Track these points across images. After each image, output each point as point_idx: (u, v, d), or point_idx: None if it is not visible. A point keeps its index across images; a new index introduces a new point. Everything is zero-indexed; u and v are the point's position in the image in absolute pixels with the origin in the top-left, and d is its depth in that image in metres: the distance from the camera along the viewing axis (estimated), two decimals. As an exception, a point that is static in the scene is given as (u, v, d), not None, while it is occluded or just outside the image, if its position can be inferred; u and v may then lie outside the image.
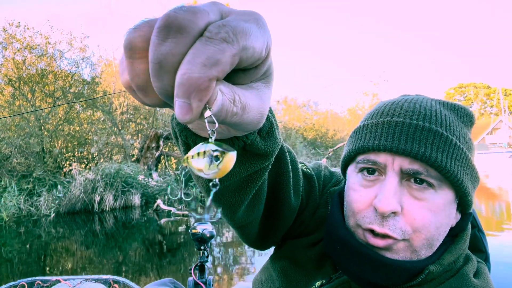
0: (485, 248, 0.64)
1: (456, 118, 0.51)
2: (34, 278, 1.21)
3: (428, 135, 0.48)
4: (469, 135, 0.52)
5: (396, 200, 0.50)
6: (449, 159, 0.48)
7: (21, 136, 9.88)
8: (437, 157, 0.47)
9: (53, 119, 11.24)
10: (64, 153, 11.52)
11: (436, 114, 0.50)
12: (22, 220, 7.90)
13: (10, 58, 11.07)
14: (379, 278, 0.51)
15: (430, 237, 0.50)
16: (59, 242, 6.21)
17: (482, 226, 0.65)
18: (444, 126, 0.49)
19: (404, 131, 0.49)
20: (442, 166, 0.47)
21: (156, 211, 8.88)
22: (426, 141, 0.48)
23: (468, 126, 0.52)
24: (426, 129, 0.49)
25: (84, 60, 12.22)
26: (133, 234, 6.56)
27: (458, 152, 0.48)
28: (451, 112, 0.52)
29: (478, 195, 11.24)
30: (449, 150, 0.48)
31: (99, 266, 4.73)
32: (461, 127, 0.51)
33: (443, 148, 0.48)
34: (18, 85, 10.91)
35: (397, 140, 0.49)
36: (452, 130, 0.49)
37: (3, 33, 10.87)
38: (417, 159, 0.48)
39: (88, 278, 1.26)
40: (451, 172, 0.48)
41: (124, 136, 12.92)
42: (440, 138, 0.48)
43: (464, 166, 0.49)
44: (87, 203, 8.84)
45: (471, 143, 0.51)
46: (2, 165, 9.61)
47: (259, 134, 0.40)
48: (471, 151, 0.51)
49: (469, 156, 0.50)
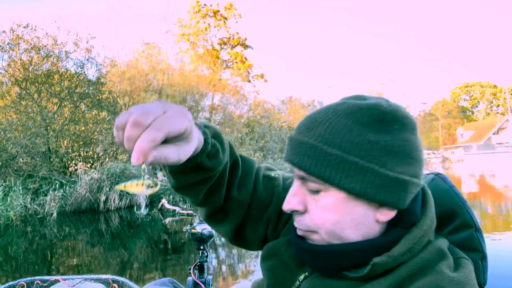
0: (482, 247, 0.65)
1: (358, 125, 0.56)
2: (34, 278, 1.22)
3: (301, 147, 0.58)
4: (368, 136, 0.56)
5: (296, 201, 0.61)
6: (319, 165, 0.56)
7: (27, 136, 9.97)
8: (306, 164, 0.57)
9: (59, 119, 11.32)
10: (70, 153, 11.60)
11: (318, 126, 0.58)
12: (28, 219, 7.98)
13: (17, 59, 11.17)
14: (322, 264, 0.61)
15: (331, 231, 0.59)
16: (65, 241, 6.26)
17: (489, 226, 0.66)
18: (319, 136, 0.57)
19: (291, 145, 0.61)
20: (311, 170, 0.57)
21: (161, 210, 8.92)
22: (299, 152, 0.58)
23: (371, 126, 0.56)
24: (301, 142, 0.59)
25: (89, 60, 12.29)
26: (138, 233, 6.60)
27: (331, 158, 0.56)
28: (349, 117, 0.57)
29: (484, 195, 11.17)
30: (319, 159, 0.56)
31: (105, 265, 4.76)
32: (353, 132, 0.56)
33: (312, 156, 0.57)
34: (24, 86, 11.00)
35: (288, 153, 0.61)
36: (330, 139, 0.56)
37: (10, 34, 10.98)
38: (298, 167, 0.59)
39: (88, 278, 1.28)
40: (321, 175, 0.56)
41: (129, 136, 12.98)
42: (310, 149, 0.57)
43: (342, 169, 0.55)
44: (92, 203, 8.91)
45: (368, 144, 0.55)
46: (8, 165, 9.70)
47: (207, 156, 0.61)
48: (363, 151, 0.55)
49: (354, 160, 0.55)
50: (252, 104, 19.05)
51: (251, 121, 17.49)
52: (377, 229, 0.60)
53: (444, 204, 0.69)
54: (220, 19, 23.21)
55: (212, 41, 23.31)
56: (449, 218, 0.69)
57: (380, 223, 0.60)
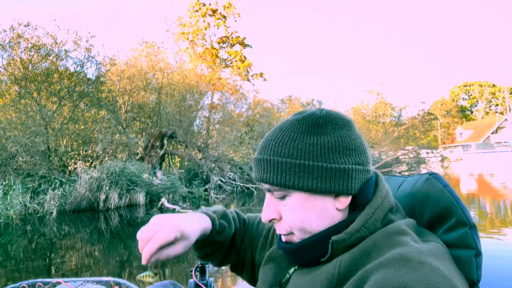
0: (476, 244, 0.66)
1: (299, 134, 0.67)
2: (35, 280, 1.23)
3: (260, 164, 0.69)
4: (308, 140, 0.66)
5: (269, 211, 0.70)
6: (275, 174, 0.66)
7: (27, 135, 9.96)
8: (267, 176, 0.68)
9: (58, 118, 11.31)
10: (69, 152, 11.60)
11: (269, 143, 0.69)
12: (28, 218, 7.98)
13: (16, 57, 11.16)
14: (300, 257, 0.70)
15: (301, 228, 0.68)
16: (64, 240, 6.27)
17: (487, 225, 0.68)
18: (271, 151, 0.68)
19: (254, 164, 0.72)
20: (271, 181, 0.67)
21: (161, 209, 8.93)
22: (260, 168, 0.69)
23: (309, 132, 0.67)
24: (260, 160, 0.69)
25: (89, 59, 12.28)
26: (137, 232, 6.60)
27: (283, 166, 0.66)
28: (291, 130, 0.69)
29: (483, 194, 11.20)
30: (274, 169, 0.67)
31: (104, 264, 4.77)
32: (296, 140, 0.67)
33: (268, 169, 0.67)
34: (24, 84, 10.99)
35: (254, 172, 0.72)
36: (279, 151, 0.67)
37: (10, 32, 10.95)
38: (264, 182, 0.68)
39: (89, 280, 1.29)
40: (279, 182, 0.66)
41: (128, 134, 12.98)
42: (267, 162, 0.68)
43: (293, 173, 0.65)
44: (92, 201, 8.91)
45: (309, 147, 0.66)
46: (8, 164, 9.70)
47: (217, 233, 0.86)
48: (306, 154, 0.65)
49: (301, 162, 0.65)
50: (251, 103, 19.08)
51: (251, 120, 17.52)
52: (339, 217, 0.68)
53: (439, 203, 0.71)
54: (219, 18, 23.18)
55: (211, 40, 23.30)
56: (444, 217, 0.70)
57: (341, 210, 0.68)
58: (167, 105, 14.06)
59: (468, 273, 0.64)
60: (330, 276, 0.61)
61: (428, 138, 24.44)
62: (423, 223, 0.73)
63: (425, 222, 0.73)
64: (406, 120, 19.48)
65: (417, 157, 17.48)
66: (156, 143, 12.72)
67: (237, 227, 0.96)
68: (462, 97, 61.30)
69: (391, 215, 0.68)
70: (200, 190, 11.95)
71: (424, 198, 0.73)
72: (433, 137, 47.40)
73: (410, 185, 0.79)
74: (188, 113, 14.29)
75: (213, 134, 15.97)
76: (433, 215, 0.72)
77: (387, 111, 19.71)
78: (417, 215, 0.74)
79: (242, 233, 0.97)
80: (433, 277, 0.50)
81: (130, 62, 14.13)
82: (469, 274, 0.64)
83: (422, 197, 0.74)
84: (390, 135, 17.87)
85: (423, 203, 0.74)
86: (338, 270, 0.61)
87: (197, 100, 15.22)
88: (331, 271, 0.61)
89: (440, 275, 0.50)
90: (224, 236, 0.88)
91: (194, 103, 15.08)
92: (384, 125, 19.20)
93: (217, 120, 16.44)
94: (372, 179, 0.70)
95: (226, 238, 0.89)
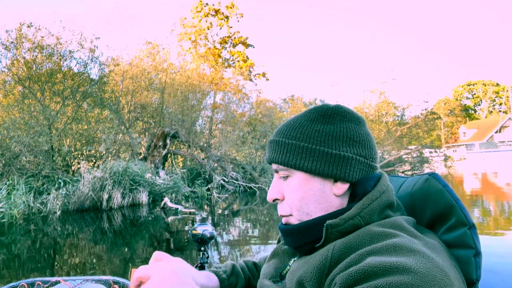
0: (475, 244, 0.66)
1: (308, 121, 0.73)
2: (35, 279, 1.23)
3: (271, 145, 0.75)
4: (315, 127, 0.72)
5: (274, 191, 0.75)
6: (281, 154, 0.72)
7: (31, 135, 10.01)
8: (274, 156, 0.74)
9: (61, 118, 11.36)
10: (73, 152, 11.64)
11: (283, 128, 0.75)
12: (31, 217, 8.02)
13: (20, 57, 11.21)
14: (295, 240, 0.72)
15: (299, 207, 0.72)
16: (68, 239, 6.29)
17: (491, 224, 0.68)
18: (281, 134, 0.74)
19: (267, 146, 0.78)
20: (275, 159, 0.73)
21: (164, 209, 8.95)
22: (271, 149, 0.75)
23: (317, 120, 0.73)
24: (271, 141, 0.76)
25: (92, 60, 12.32)
26: (140, 231, 6.63)
27: (289, 147, 0.72)
28: (303, 117, 0.75)
29: (487, 194, 11.15)
30: (281, 149, 0.73)
31: (107, 263, 4.79)
32: (304, 126, 0.73)
33: (277, 149, 0.73)
34: (28, 84, 11.04)
35: (266, 153, 0.78)
36: (288, 134, 0.73)
37: (14, 33, 11.00)
38: (272, 162, 0.75)
39: (88, 279, 1.29)
40: (282, 161, 0.72)
41: (131, 134, 13.01)
42: (276, 144, 0.74)
43: (297, 153, 0.71)
44: (95, 201, 8.94)
45: (315, 133, 0.71)
46: (12, 163, 9.75)
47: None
48: (311, 138, 0.71)
49: (305, 145, 0.71)
50: (254, 102, 19.06)
51: (253, 120, 17.51)
52: (337, 203, 0.71)
53: (438, 204, 0.71)
54: (222, 18, 23.18)
55: (214, 39, 23.30)
56: (443, 217, 0.71)
57: (338, 197, 0.71)
58: (169, 105, 14.08)
59: (467, 272, 0.64)
60: (324, 259, 0.62)
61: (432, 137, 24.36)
62: (423, 223, 0.73)
63: (425, 222, 0.73)
64: (409, 119, 19.39)
65: (420, 157, 17.42)
66: (159, 143, 12.75)
67: (249, 275, 0.98)
68: (466, 96, 61.05)
69: (390, 211, 0.70)
70: (203, 190, 11.97)
71: (424, 198, 0.74)
72: (436, 136, 47.22)
73: (410, 186, 0.80)
74: (191, 113, 14.31)
75: (216, 134, 15.99)
76: (433, 215, 0.72)
77: (390, 111, 19.64)
78: (417, 215, 0.75)
79: (257, 275, 0.99)
80: (425, 263, 0.51)
81: (133, 62, 14.16)
82: (469, 273, 0.64)
83: (422, 197, 0.75)
84: (393, 135, 17.81)
85: (423, 203, 0.74)
86: (331, 253, 0.62)
87: (199, 100, 15.23)
88: (325, 253, 0.63)
89: (432, 262, 0.51)
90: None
91: (197, 103, 15.09)
92: (387, 125, 19.13)
93: (220, 120, 16.45)
94: (376, 175, 0.73)
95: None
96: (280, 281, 0.75)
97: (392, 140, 17.42)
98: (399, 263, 0.50)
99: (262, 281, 0.79)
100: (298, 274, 0.65)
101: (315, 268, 0.62)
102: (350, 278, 0.52)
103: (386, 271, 0.50)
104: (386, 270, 0.50)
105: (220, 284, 0.86)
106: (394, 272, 0.49)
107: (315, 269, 0.62)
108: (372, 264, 0.51)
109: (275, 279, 0.76)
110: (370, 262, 0.52)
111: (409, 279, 0.47)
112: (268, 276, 0.78)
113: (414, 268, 0.49)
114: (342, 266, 0.56)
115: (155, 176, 10.71)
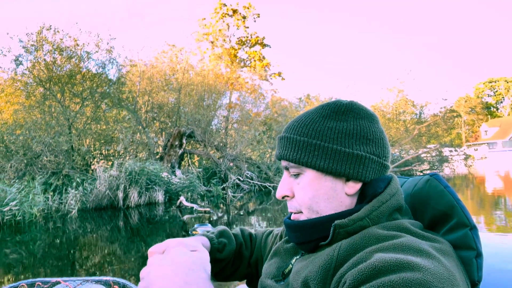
0: (477, 245, 0.66)
1: (320, 117, 0.71)
2: (34, 279, 1.25)
3: (281, 142, 0.74)
4: (327, 124, 0.70)
5: (285, 188, 0.74)
6: (293, 151, 0.70)
7: (51, 135, 10.27)
8: (285, 153, 0.72)
9: (81, 118, 11.61)
10: (92, 151, 11.88)
11: (294, 124, 0.73)
12: (51, 216, 8.22)
13: (41, 60, 11.50)
14: (300, 236, 0.72)
15: (309, 206, 0.70)
16: (86, 237, 6.43)
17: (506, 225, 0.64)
18: (292, 130, 0.72)
19: (277, 143, 0.76)
20: (286, 157, 0.71)
21: (179, 207, 9.04)
22: (281, 146, 0.74)
23: (330, 117, 0.71)
24: (282, 138, 0.74)
25: (110, 61, 12.54)
26: (156, 230, 6.71)
27: (300, 144, 0.70)
28: (314, 113, 0.73)
29: (509, 193, 10.80)
30: (292, 147, 0.71)
31: (123, 260, 4.87)
32: (317, 123, 0.71)
33: (288, 146, 0.72)
34: (48, 86, 11.33)
35: (276, 150, 0.76)
36: (300, 131, 0.71)
37: (35, 36, 11.30)
38: (282, 158, 0.73)
39: (88, 280, 1.30)
40: (293, 159, 0.70)
41: (148, 134, 13.19)
42: (287, 141, 0.72)
43: (309, 151, 0.69)
44: (113, 199, 9.11)
45: (328, 130, 0.69)
46: (33, 163, 10.03)
47: (218, 251, 0.89)
48: (324, 136, 0.69)
49: (317, 142, 0.69)
50: (269, 102, 19.03)
51: (268, 119, 17.48)
52: (347, 203, 0.70)
53: (439, 204, 0.71)
54: (239, 19, 23.25)
55: (230, 40, 23.39)
56: (444, 219, 0.70)
57: (349, 196, 0.70)
58: (185, 105, 14.21)
59: (468, 274, 0.64)
60: (329, 258, 0.62)
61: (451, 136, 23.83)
62: (424, 224, 0.72)
63: (426, 223, 0.73)
64: (428, 117, 19.00)
65: (440, 156, 17.05)
66: (175, 142, 12.88)
67: (241, 241, 0.99)
68: (487, 93, 59.46)
69: (398, 215, 0.69)
70: (218, 189, 12.02)
71: (425, 199, 0.74)
72: (457, 135, 46.16)
73: (411, 186, 0.80)
74: (207, 113, 14.39)
75: (231, 134, 16.03)
76: (434, 216, 0.72)
77: (408, 109, 19.29)
78: (418, 216, 0.74)
79: (250, 246, 1.01)
80: (432, 262, 0.51)
81: (151, 63, 14.35)
82: (470, 275, 0.64)
83: (423, 198, 0.74)
84: (411, 133, 17.48)
85: (423, 204, 0.74)
86: (337, 252, 0.62)
87: (215, 100, 15.31)
88: (331, 253, 0.62)
89: (439, 261, 0.52)
90: (226, 253, 0.91)
91: (213, 103, 15.18)
92: (404, 123, 18.80)
93: (235, 119, 16.50)
94: (387, 177, 0.72)
95: (229, 254, 0.92)
96: (283, 280, 0.74)
97: (410, 139, 17.10)
98: (409, 260, 0.50)
99: (264, 280, 0.79)
100: (303, 275, 0.64)
101: (320, 268, 0.62)
102: (360, 274, 0.51)
103: (397, 267, 0.49)
104: (397, 266, 0.49)
105: (210, 243, 0.88)
106: (405, 268, 0.49)
107: (320, 269, 0.61)
108: (382, 260, 0.51)
109: (277, 278, 0.76)
110: (380, 259, 0.51)
111: (421, 275, 0.47)
112: (270, 276, 0.78)
113: (423, 266, 0.49)
114: (350, 265, 0.56)
115: (171, 175, 10.82)
